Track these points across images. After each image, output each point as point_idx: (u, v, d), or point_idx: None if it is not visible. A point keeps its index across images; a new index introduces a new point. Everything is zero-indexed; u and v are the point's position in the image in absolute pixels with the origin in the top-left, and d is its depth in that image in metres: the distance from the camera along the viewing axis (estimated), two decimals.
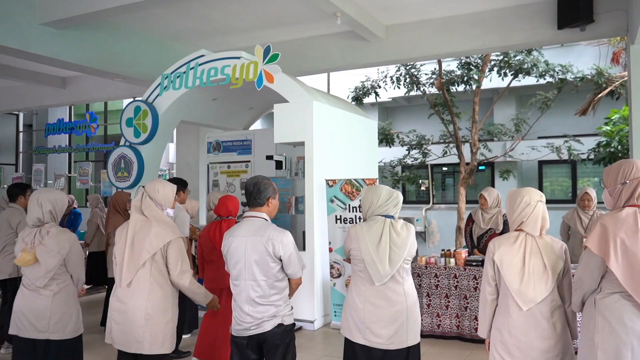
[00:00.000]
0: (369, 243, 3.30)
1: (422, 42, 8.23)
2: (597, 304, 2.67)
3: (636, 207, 2.67)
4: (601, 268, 2.65)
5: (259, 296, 3.22)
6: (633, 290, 2.55)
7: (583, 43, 11.66)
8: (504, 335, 2.92)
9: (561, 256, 2.91)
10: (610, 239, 2.60)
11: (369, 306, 3.30)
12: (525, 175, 14.03)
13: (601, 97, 10.42)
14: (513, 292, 2.87)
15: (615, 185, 2.75)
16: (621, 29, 7.13)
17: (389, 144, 12.28)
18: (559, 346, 2.85)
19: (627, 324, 2.56)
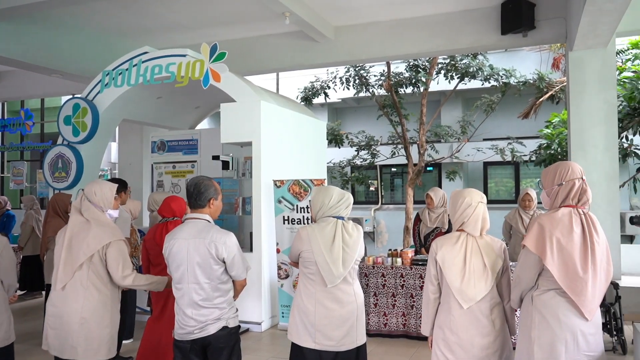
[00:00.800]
0: (322, 245, 3.26)
1: (371, 44, 8.28)
2: (534, 301, 2.74)
3: (571, 208, 2.75)
4: (538, 266, 2.72)
5: (203, 299, 3.15)
6: (567, 287, 2.63)
7: (526, 49, 12.05)
8: (445, 332, 2.95)
9: (500, 255, 2.96)
10: (546, 238, 2.67)
11: (320, 308, 3.26)
12: (471, 176, 14.38)
13: (542, 101, 10.80)
14: (454, 290, 2.91)
15: (552, 186, 2.83)
16: (560, 36, 7.40)
17: (338, 144, 12.31)
18: (498, 342, 2.90)
19: (561, 320, 2.64)
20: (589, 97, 7.07)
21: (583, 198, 2.80)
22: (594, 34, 6.39)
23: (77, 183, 7.34)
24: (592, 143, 7.01)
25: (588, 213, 2.79)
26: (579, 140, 7.10)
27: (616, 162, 7.01)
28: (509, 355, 2.95)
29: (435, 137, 12.84)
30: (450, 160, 12.80)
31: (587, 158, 7.01)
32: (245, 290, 3.47)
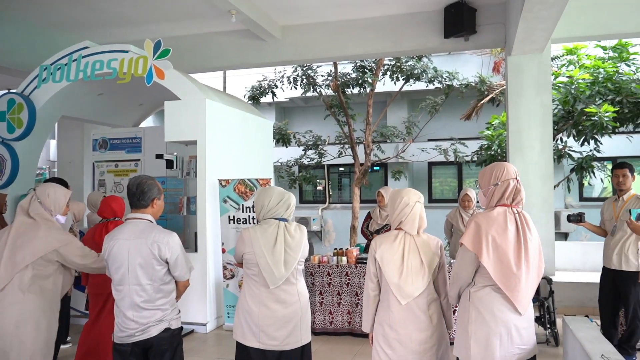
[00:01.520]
0: (263, 247, 3.27)
1: (318, 44, 8.32)
2: (471, 297, 2.83)
3: (506, 207, 2.86)
4: (475, 263, 2.81)
5: (144, 301, 3.11)
6: (502, 284, 2.74)
7: (468, 52, 12.43)
8: (385, 329, 3.02)
9: (437, 253, 3.06)
10: (482, 237, 2.77)
11: (263, 309, 3.28)
12: (416, 176, 14.69)
13: (483, 103, 11.16)
14: (393, 287, 2.97)
15: (488, 186, 2.92)
16: (500, 41, 7.67)
17: (286, 144, 12.30)
18: (435, 337, 2.99)
19: (496, 315, 2.75)
20: (526, 100, 7.37)
21: (517, 197, 2.90)
22: (531, 40, 6.67)
23: (12, 182, 7.01)
24: (529, 144, 7.30)
25: (522, 212, 2.90)
26: (517, 141, 7.39)
27: (551, 163, 7.34)
28: (445, 349, 3.04)
29: (381, 137, 13.04)
30: (395, 160, 13.03)
31: (524, 159, 7.30)
32: (190, 291, 3.46)
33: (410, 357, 2.96)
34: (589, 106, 8.52)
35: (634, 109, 8.63)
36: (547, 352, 5.45)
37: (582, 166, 9.34)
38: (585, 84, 8.78)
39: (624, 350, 4.98)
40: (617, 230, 5.01)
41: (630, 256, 4.91)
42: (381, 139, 13.11)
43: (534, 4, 5.39)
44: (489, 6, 7.48)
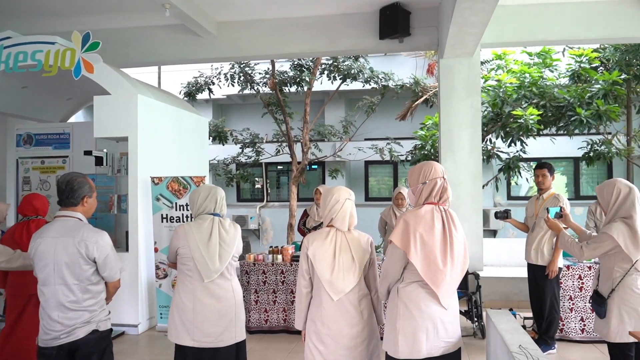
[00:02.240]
0: (198, 241, 3.35)
1: (254, 41, 8.26)
2: (400, 293, 2.89)
3: (433, 205, 2.93)
4: (403, 260, 2.87)
5: (71, 301, 3.02)
6: (429, 280, 2.80)
7: (403, 54, 12.70)
8: (317, 325, 3.05)
9: (367, 249, 3.12)
10: (410, 234, 2.82)
11: (198, 305, 3.33)
12: (353, 174, 14.88)
13: (418, 104, 11.45)
14: (325, 283, 3.01)
15: (417, 184, 2.98)
16: (433, 44, 7.88)
17: (223, 141, 12.15)
18: (365, 331, 3.05)
19: (423, 310, 2.81)
20: (457, 102, 7.62)
21: (444, 196, 2.97)
22: (461, 44, 6.90)
23: None
24: (459, 145, 7.56)
25: (448, 210, 2.97)
26: (448, 142, 7.63)
27: (480, 163, 7.62)
28: (376, 344, 3.11)
29: (318, 136, 13.13)
30: (333, 158, 13.16)
31: (455, 159, 7.55)
32: (120, 291, 3.37)
33: (341, 352, 3.00)
34: (516, 109, 8.93)
35: (556, 113, 9.12)
36: (475, 344, 5.67)
37: (509, 166, 9.77)
38: (512, 87, 9.20)
39: (544, 341, 5.27)
40: (536, 226, 5.30)
41: (545, 251, 5.20)
42: (319, 138, 13.20)
43: (464, 9, 5.58)
44: (422, 10, 7.67)
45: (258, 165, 13.87)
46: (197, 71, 11.77)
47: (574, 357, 5.21)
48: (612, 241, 3.45)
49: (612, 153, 9.70)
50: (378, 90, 11.62)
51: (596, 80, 9.15)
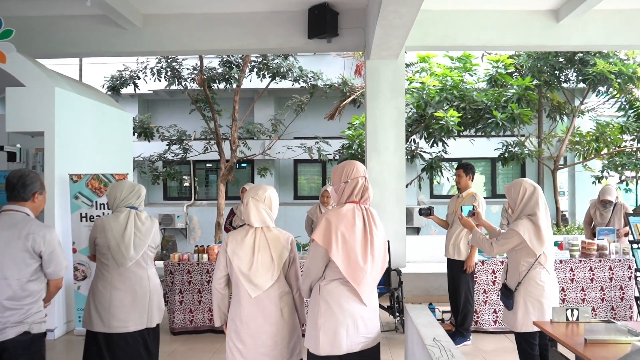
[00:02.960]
0: (115, 231, 3.61)
1: (181, 36, 8.08)
2: (321, 290, 2.94)
3: (355, 203, 3.00)
4: (325, 258, 2.92)
5: (8, 298, 2.95)
6: (350, 277, 2.87)
7: (332, 54, 12.86)
8: (236, 323, 3.06)
9: (287, 247, 3.15)
10: (332, 232, 2.88)
11: (114, 292, 3.59)
12: (282, 173, 14.90)
13: (345, 104, 11.63)
14: (243, 280, 3.03)
15: (339, 183, 3.05)
16: (360, 45, 8.03)
17: (148, 138, 11.81)
18: (285, 330, 3.08)
19: (344, 307, 2.88)
20: (382, 102, 7.81)
21: (365, 195, 3.05)
22: (387, 46, 7.08)
23: None
24: (384, 145, 7.75)
25: (369, 208, 3.06)
26: (374, 141, 7.80)
27: (403, 162, 7.85)
28: (297, 342, 3.15)
29: (247, 134, 13.04)
30: (262, 157, 13.11)
31: (380, 158, 7.74)
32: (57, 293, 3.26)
33: (261, 351, 3.02)
34: (438, 111, 9.29)
35: (475, 115, 9.57)
36: (396, 338, 5.86)
37: (431, 166, 10.15)
38: (435, 90, 9.56)
39: (460, 333, 5.54)
40: (454, 224, 5.56)
41: (462, 247, 5.48)
42: (248, 136, 13.11)
43: (389, 12, 5.74)
44: (350, 11, 7.80)
45: (186, 163, 13.58)
46: (121, 65, 11.35)
47: (487, 348, 5.50)
48: (519, 237, 3.68)
49: (525, 154, 10.30)
50: (307, 90, 11.70)
51: (511, 85, 9.69)
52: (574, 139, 11.29)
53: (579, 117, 11.56)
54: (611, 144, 10.82)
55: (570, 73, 10.48)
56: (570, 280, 6.07)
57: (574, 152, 11.77)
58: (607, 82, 9.78)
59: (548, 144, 11.77)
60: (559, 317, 3.34)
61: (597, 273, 6.09)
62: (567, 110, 11.31)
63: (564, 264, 6.08)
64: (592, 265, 6.09)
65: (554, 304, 3.69)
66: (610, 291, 6.08)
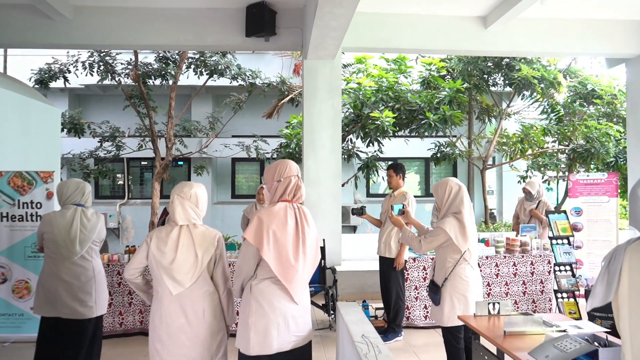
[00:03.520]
0: (62, 227, 3.94)
1: (115, 30, 7.83)
2: (253, 290, 2.94)
3: (287, 202, 3.03)
4: (257, 257, 2.93)
5: None
6: (281, 276, 2.89)
7: (271, 53, 12.83)
8: (155, 322, 3.03)
9: (213, 244, 3.12)
10: (264, 231, 2.89)
11: (60, 283, 3.90)
12: (220, 171, 14.73)
13: (284, 103, 11.64)
14: (165, 277, 2.99)
15: (272, 182, 3.07)
16: (298, 45, 8.07)
17: (79, 134, 11.36)
18: (207, 330, 3.04)
19: (275, 305, 2.90)
20: (319, 102, 7.89)
21: (298, 194, 3.08)
22: (323, 46, 7.16)
23: None
24: (320, 144, 7.83)
25: (301, 207, 3.09)
26: (311, 141, 7.87)
27: (340, 162, 7.97)
28: (220, 344, 3.10)
29: (184, 132, 12.79)
30: (199, 155, 12.91)
31: (316, 157, 7.81)
32: None
33: (181, 351, 2.98)
34: (374, 111, 9.48)
35: (409, 116, 9.84)
36: (330, 336, 5.94)
37: (367, 165, 10.35)
38: (371, 91, 9.75)
39: (392, 329, 5.69)
40: (386, 222, 5.71)
41: (392, 244, 5.64)
42: (184, 134, 12.87)
43: (325, 13, 5.81)
44: (288, 10, 7.82)
45: (119, 161, 13.16)
46: (50, 57, 10.84)
47: (418, 342, 5.69)
48: (445, 234, 3.84)
49: (456, 154, 10.69)
50: (245, 88, 11.62)
51: (443, 87, 10.03)
52: (501, 140, 11.83)
53: (506, 119, 12.12)
54: (535, 145, 11.41)
55: (498, 77, 10.98)
56: (495, 275, 6.37)
57: (501, 153, 12.33)
58: (531, 86, 10.31)
59: (477, 145, 12.27)
60: (481, 311, 3.51)
61: (519, 268, 6.42)
62: (495, 112, 11.83)
63: (490, 259, 6.37)
64: (516, 261, 6.42)
65: (477, 299, 3.87)
66: (532, 285, 6.44)
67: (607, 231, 7.83)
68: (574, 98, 11.45)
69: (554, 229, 6.68)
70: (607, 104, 11.36)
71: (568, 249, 6.49)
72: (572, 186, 7.93)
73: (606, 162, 11.06)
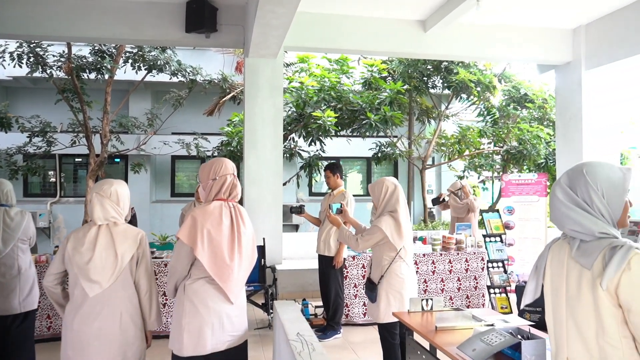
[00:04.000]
0: None
1: (47, 20, 7.45)
2: (186, 290, 2.89)
3: (222, 201, 2.99)
4: (190, 257, 2.88)
5: None
6: (216, 275, 2.86)
7: (212, 49, 12.62)
8: (67, 326, 2.91)
9: (135, 242, 3.03)
10: (198, 230, 2.84)
11: None
12: (159, 169, 14.36)
13: (225, 100, 11.50)
14: (81, 278, 2.88)
15: (207, 180, 3.02)
16: (239, 42, 7.97)
17: (6, 129, 10.78)
18: (122, 335, 2.94)
19: (209, 305, 2.86)
20: (261, 100, 7.84)
21: (233, 192, 3.05)
22: (265, 45, 7.12)
23: None
24: (262, 143, 7.78)
25: (237, 206, 3.06)
26: (252, 139, 7.81)
27: (281, 161, 7.95)
28: (137, 349, 3.01)
29: (121, 128, 12.39)
30: (137, 152, 12.54)
31: (258, 156, 7.76)
32: None
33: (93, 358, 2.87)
34: (316, 111, 9.52)
35: (351, 116, 9.95)
36: (269, 335, 5.90)
37: (309, 164, 10.38)
38: (313, 90, 9.79)
39: (331, 327, 5.73)
40: (324, 220, 5.75)
41: (331, 243, 5.69)
42: (121, 130, 12.46)
43: (266, 12, 5.77)
44: (229, 7, 7.72)
45: (51, 157, 12.58)
46: None
47: (357, 339, 5.76)
48: (381, 233, 3.90)
49: (396, 154, 10.90)
50: (186, 84, 11.39)
51: (384, 88, 10.20)
52: (439, 141, 12.16)
53: (445, 121, 12.47)
54: (471, 146, 11.80)
55: (437, 80, 11.28)
56: (431, 272, 6.53)
57: (440, 153, 12.68)
58: (468, 89, 10.66)
59: (417, 145, 12.56)
60: (415, 307, 3.58)
61: (455, 265, 6.62)
62: (434, 114, 12.15)
63: (427, 257, 6.53)
64: (451, 258, 6.61)
65: (413, 296, 3.95)
66: (466, 281, 6.65)
67: (537, 229, 8.22)
68: (508, 102, 11.92)
69: (487, 227, 6.93)
70: (538, 108, 11.90)
71: (500, 247, 6.75)
72: (505, 186, 8.26)
73: (537, 164, 11.58)
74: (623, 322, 1.81)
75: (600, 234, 1.87)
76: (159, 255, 5.97)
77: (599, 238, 1.88)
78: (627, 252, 1.78)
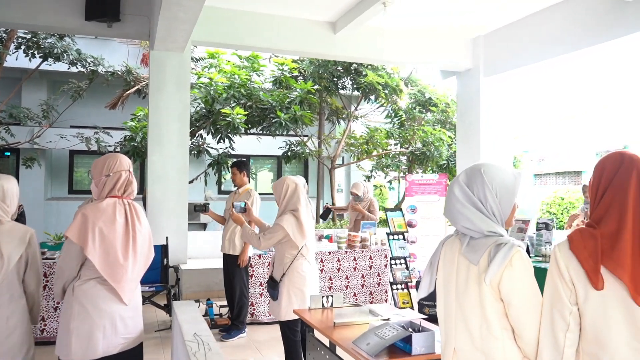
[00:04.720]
0: None
1: None
2: (75, 291, 2.74)
3: (117, 198, 2.87)
4: (80, 256, 2.74)
5: None
6: (108, 275, 2.73)
7: (117, 40, 12.03)
8: None
9: (23, 242, 2.86)
10: (89, 228, 2.71)
11: None
12: (55, 164, 13.50)
13: (129, 94, 11.03)
14: None
15: (100, 177, 2.89)
16: (144, 34, 7.65)
17: None
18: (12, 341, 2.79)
19: (101, 307, 2.73)
20: (167, 95, 7.59)
21: (129, 189, 2.94)
22: (172, 38, 6.90)
23: None
24: (167, 138, 7.54)
25: (132, 203, 2.95)
26: (157, 135, 7.55)
27: (187, 157, 7.74)
28: (26, 355, 2.86)
29: (11, 119, 11.50)
30: (30, 145, 11.70)
31: (162, 152, 7.51)
32: None
33: None
34: (225, 107, 9.37)
35: (261, 114, 9.90)
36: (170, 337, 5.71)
37: (218, 162, 10.20)
38: (222, 87, 9.63)
39: (235, 326, 5.68)
40: (229, 219, 5.68)
41: (236, 241, 5.64)
42: (11, 121, 11.56)
43: (172, 4, 5.59)
44: None
45: None
46: None
47: (261, 338, 5.73)
48: (283, 231, 3.92)
49: (306, 153, 10.99)
50: (86, 75, 10.79)
51: (294, 88, 10.24)
52: (349, 142, 12.41)
53: (354, 121, 12.75)
54: (379, 147, 12.16)
55: (346, 81, 11.50)
56: (337, 269, 6.65)
57: (349, 153, 12.94)
58: (376, 92, 10.96)
59: (327, 145, 12.74)
60: (315, 304, 3.62)
61: (359, 262, 6.78)
62: (344, 114, 12.38)
63: (332, 255, 6.64)
64: (356, 256, 6.77)
65: (314, 293, 4.00)
66: (370, 278, 6.83)
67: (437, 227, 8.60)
68: (414, 105, 12.41)
69: (390, 226, 7.16)
70: (441, 111, 12.48)
71: (403, 244, 7.00)
72: (408, 186, 8.57)
73: (440, 165, 12.14)
74: (504, 315, 1.93)
75: (489, 232, 1.99)
76: (51, 255, 5.60)
77: (486, 236, 1.99)
78: (509, 250, 1.90)
